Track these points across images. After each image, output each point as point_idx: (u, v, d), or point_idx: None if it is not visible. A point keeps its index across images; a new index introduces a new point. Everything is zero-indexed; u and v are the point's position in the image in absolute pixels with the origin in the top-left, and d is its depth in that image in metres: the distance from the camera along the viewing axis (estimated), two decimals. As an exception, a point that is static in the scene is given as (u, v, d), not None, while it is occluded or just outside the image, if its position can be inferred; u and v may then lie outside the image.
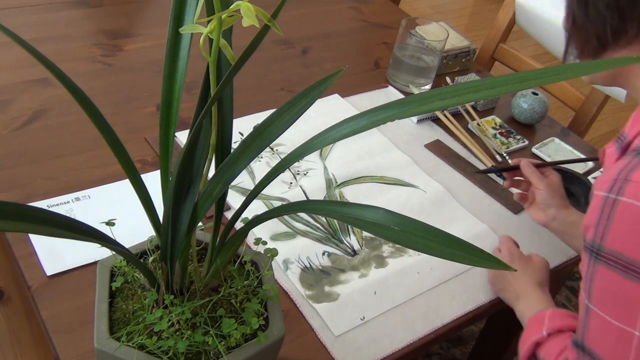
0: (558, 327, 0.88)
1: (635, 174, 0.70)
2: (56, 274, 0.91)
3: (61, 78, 0.61)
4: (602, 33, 0.81)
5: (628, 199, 0.69)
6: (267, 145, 0.66)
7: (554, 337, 0.87)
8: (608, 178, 0.72)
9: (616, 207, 0.70)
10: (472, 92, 0.52)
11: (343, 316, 0.95)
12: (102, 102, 1.22)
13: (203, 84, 0.63)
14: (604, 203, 0.72)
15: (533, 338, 0.89)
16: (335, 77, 0.67)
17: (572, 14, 0.85)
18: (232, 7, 0.55)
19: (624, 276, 0.70)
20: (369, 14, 1.79)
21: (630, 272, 0.70)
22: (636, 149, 0.74)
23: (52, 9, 1.50)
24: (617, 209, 0.70)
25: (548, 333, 0.88)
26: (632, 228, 0.69)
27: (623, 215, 0.70)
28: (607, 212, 0.71)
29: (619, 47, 0.81)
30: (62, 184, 1.05)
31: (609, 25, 0.80)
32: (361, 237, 1.09)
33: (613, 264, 0.71)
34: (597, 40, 0.82)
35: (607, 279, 0.72)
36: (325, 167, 1.22)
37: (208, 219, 1.01)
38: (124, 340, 0.66)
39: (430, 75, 1.47)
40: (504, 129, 1.42)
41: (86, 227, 0.60)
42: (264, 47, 1.43)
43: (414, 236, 0.54)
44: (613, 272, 0.71)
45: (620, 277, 0.71)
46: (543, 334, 0.88)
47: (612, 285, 0.72)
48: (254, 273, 0.76)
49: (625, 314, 0.72)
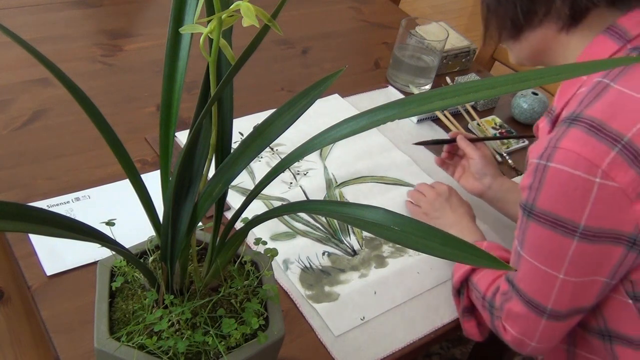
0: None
1: (562, 142, 0.77)
2: (56, 274, 0.91)
3: (61, 78, 0.61)
4: (515, 16, 0.88)
5: (556, 165, 0.77)
6: (267, 145, 0.66)
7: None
8: (540, 147, 0.80)
9: (546, 172, 0.78)
10: (472, 92, 0.52)
11: (343, 316, 0.95)
12: (102, 102, 1.22)
13: (203, 84, 0.63)
14: (536, 168, 0.80)
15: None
16: (335, 77, 0.67)
17: (486, 2, 0.92)
18: (232, 7, 0.55)
19: (552, 230, 0.80)
20: (369, 14, 1.79)
21: (557, 227, 0.79)
22: (563, 120, 0.81)
23: (52, 9, 1.50)
24: (547, 173, 0.78)
25: None
26: (560, 190, 0.77)
27: (552, 178, 0.78)
28: (539, 177, 0.79)
29: (533, 27, 0.88)
30: (62, 184, 1.05)
31: (519, 7, 0.87)
32: (361, 237, 1.09)
33: (543, 220, 0.80)
34: (511, 23, 0.89)
35: (537, 233, 0.82)
36: (325, 167, 1.22)
37: (208, 219, 1.01)
38: (124, 340, 0.66)
39: (430, 75, 1.47)
40: (504, 129, 1.42)
41: (86, 227, 0.60)
42: (264, 47, 1.43)
43: (414, 236, 0.54)
44: (543, 228, 0.81)
45: (549, 232, 0.80)
46: None
47: (542, 238, 0.81)
48: (254, 273, 0.76)
49: (551, 261, 0.82)
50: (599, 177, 0.75)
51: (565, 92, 0.86)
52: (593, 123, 0.76)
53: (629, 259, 0.80)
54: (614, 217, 0.77)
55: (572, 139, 0.77)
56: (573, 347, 0.95)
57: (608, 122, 0.76)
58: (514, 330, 0.88)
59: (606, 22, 0.84)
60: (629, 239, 0.78)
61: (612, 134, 0.75)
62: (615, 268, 0.81)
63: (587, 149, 0.75)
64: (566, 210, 0.78)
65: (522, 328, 0.87)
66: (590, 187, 0.75)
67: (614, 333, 0.87)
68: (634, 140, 0.75)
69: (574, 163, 0.76)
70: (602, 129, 0.76)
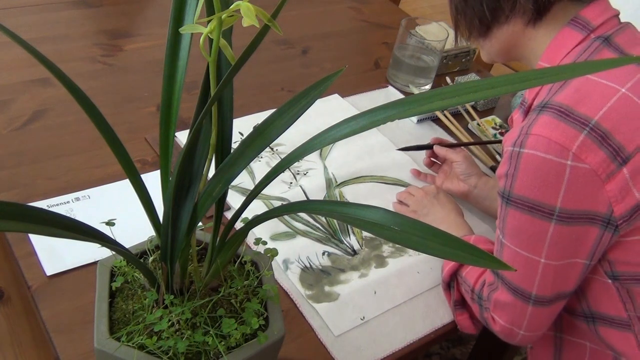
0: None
1: (533, 128, 0.80)
2: (56, 274, 0.91)
3: (61, 78, 0.61)
4: (482, 14, 0.91)
5: (529, 150, 0.80)
6: (267, 145, 0.66)
7: None
8: (513, 135, 0.83)
9: (520, 158, 0.81)
10: (472, 92, 0.52)
11: (343, 316, 0.95)
12: (102, 102, 1.21)
13: (203, 84, 0.63)
14: (511, 156, 0.82)
15: None
16: (335, 77, 0.67)
17: (453, 3, 0.95)
18: (232, 7, 0.55)
19: (530, 215, 0.82)
20: (369, 14, 1.79)
21: (535, 211, 0.81)
22: (534, 109, 0.84)
23: (52, 9, 1.50)
24: (521, 160, 0.81)
25: None
26: (534, 174, 0.80)
27: (526, 164, 0.80)
28: (513, 163, 0.82)
29: (501, 24, 0.92)
30: (62, 184, 1.05)
31: (486, 5, 0.90)
32: (361, 237, 1.09)
33: (521, 205, 0.82)
34: (479, 22, 0.93)
35: (516, 219, 0.84)
36: (325, 167, 1.22)
37: (208, 219, 1.01)
38: (124, 340, 0.66)
39: (430, 75, 1.47)
40: (504, 129, 1.42)
41: (86, 227, 0.60)
42: (264, 47, 1.43)
43: (414, 236, 0.54)
44: (521, 213, 0.82)
45: (527, 217, 0.82)
46: None
47: (521, 223, 0.83)
48: (254, 273, 0.76)
49: (531, 245, 0.84)
50: (570, 160, 0.77)
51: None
52: (561, 108, 0.79)
53: (605, 238, 0.82)
54: (587, 198, 0.79)
55: (543, 124, 0.79)
56: (560, 333, 0.97)
57: (575, 107, 0.79)
58: (502, 320, 0.90)
59: (569, 14, 0.88)
60: (604, 219, 0.81)
61: (580, 118, 0.78)
62: (593, 248, 0.83)
63: (557, 133, 0.78)
64: (542, 194, 0.80)
65: (510, 317, 0.89)
66: (562, 170, 0.78)
67: (597, 314, 0.90)
68: (601, 123, 0.78)
69: (545, 147, 0.78)
70: (570, 113, 0.79)
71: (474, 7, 0.92)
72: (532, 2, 0.87)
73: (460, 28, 0.97)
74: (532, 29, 0.90)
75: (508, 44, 0.94)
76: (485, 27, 0.93)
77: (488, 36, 0.94)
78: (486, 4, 0.90)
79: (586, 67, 0.49)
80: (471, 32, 0.96)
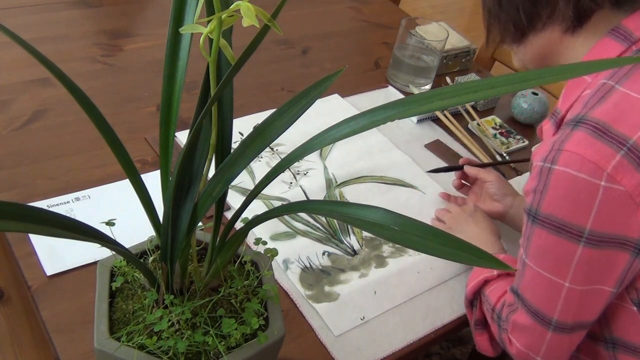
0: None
1: (567, 144, 0.76)
2: (56, 274, 0.91)
3: (61, 78, 0.61)
4: (518, 19, 0.86)
5: (561, 167, 0.76)
6: (267, 145, 0.66)
7: (502, 279, 0.94)
8: (544, 149, 0.79)
9: (551, 175, 0.77)
10: (472, 92, 0.52)
11: (343, 316, 0.95)
12: (102, 102, 1.21)
13: (203, 84, 0.63)
14: (541, 171, 0.78)
15: (483, 275, 0.95)
16: (335, 77, 0.67)
17: (487, 6, 0.90)
18: (232, 7, 0.55)
19: (557, 235, 0.78)
20: (369, 14, 1.79)
21: (562, 231, 0.77)
22: (567, 122, 0.80)
23: (52, 9, 1.50)
24: (551, 177, 0.77)
25: (498, 273, 0.94)
26: (564, 193, 0.76)
27: (557, 182, 0.76)
28: (543, 180, 0.78)
29: (538, 31, 0.87)
30: (62, 184, 1.05)
31: (522, 11, 0.85)
32: (361, 237, 1.09)
33: (548, 225, 0.79)
34: (514, 27, 0.88)
35: (542, 238, 0.80)
36: (325, 167, 1.22)
37: (208, 219, 1.01)
38: (124, 340, 0.66)
39: (430, 75, 1.47)
40: (504, 129, 1.42)
41: (86, 227, 0.60)
42: (264, 47, 1.43)
43: (414, 236, 0.54)
44: (548, 233, 0.79)
45: (554, 237, 0.78)
46: (494, 272, 0.94)
47: (547, 243, 0.80)
48: (254, 273, 0.76)
49: (556, 268, 0.80)
50: (604, 181, 0.74)
51: (570, 94, 0.85)
52: (598, 125, 0.75)
53: (635, 265, 0.79)
54: (619, 222, 0.75)
55: (577, 141, 0.75)
56: (576, 352, 0.93)
57: (613, 124, 0.75)
58: (520, 343, 0.86)
59: (610, 23, 0.83)
60: (635, 246, 0.77)
61: (617, 137, 0.74)
62: (622, 275, 0.79)
63: (592, 151, 0.74)
64: (571, 214, 0.76)
65: (528, 341, 0.85)
66: (595, 191, 0.74)
67: (619, 341, 0.86)
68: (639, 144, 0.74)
69: (578, 165, 0.74)
70: (607, 131, 0.75)
71: (509, 11, 0.86)
72: (572, 9, 0.82)
73: (493, 32, 0.92)
74: (571, 37, 0.85)
75: (543, 52, 0.89)
76: (520, 33, 0.88)
77: (522, 42, 0.89)
78: (523, 8, 0.85)
79: (586, 67, 0.49)
80: (504, 38, 0.91)
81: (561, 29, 0.85)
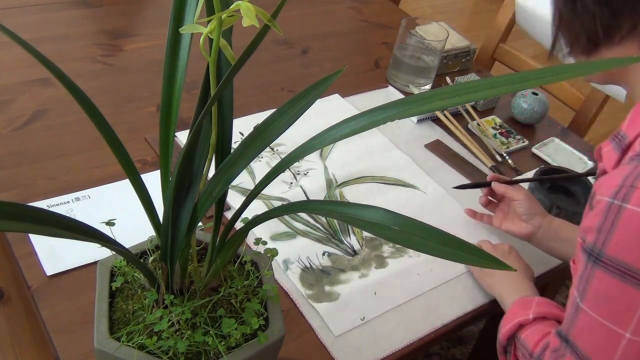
0: (544, 313, 0.89)
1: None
2: (56, 274, 0.91)
3: (61, 78, 0.61)
4: (592, 30, 0.78)
5: (633, 207, 0.69)
6: (267, 145, 0.66)
7: (538, 323, 0.88)
8: (613, 183, 0.72)
9: (621, 215, 0.70)
10: (472, 92, 0.52)
11: (343, 316, 0.95)
12: (102, 102, 1.22)
13: (203, 84, 0.63)
14: (609, 209, 0.71)
15: (518, 319, 0.89)
16: (335, 77, 0.67)
17: (559, 10, 0.82)
18: (232, 7, 0.55)
19: (622, 281, 0.71)
20: (369, 14, 1.79)
21: (628, 277, 0.70)
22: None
23: (52, 9, 1.50)
24: (621, 216, 0.70)
25: (534, 317, 0.88)
26: (635, 235, 0.69)
27: (627, 223, 0.69)
28: (611, 219, 0.71)
29: (613, 44, 0.79)
30: (62, 184, 1.05)
31: (599, 21, 0.77)
32: (361, 237, 1.09)
33: (612, 268, 0.72)
34: (586, 37, 0.80)
35: (605, 283, 0.73)
36: (326, 167, 1.22)
37: (208, 219, 1.01)
38: (124, 340, 0.66)
39: (430, 75, 1.47)
40: (504, 129, 1.42)
41: (86, 227, 0.60)
42: (264, 47, 1.43)
43: (414, 236, 0.54)
44: (611, 277, 0.72)
45: (618, 282, 0.71)
46: (529, 316, 0.88)
47: (610, 289, 0.72)
48: (254, 273, 0.76)
49: (617, 316, 0.73)
50: None
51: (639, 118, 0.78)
52: None
53: None
54: None
55: None
56: None
57: None
58: None
59: None
60: None
61: None
62: None
63: None
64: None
65: None
66: None
67: None
68: None
69: None
70: None
71: (584, 21, 0.77)
72: None
73: (560, 40, 0.83)
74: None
75: (618, 69, 0.81)
76: (592, 45, 0.79)
77: (593, 55, 0.81)
78: (600, 19, 0.76)
79: (586, 67, 0.49)
80: (572, 47, 0.82)
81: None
